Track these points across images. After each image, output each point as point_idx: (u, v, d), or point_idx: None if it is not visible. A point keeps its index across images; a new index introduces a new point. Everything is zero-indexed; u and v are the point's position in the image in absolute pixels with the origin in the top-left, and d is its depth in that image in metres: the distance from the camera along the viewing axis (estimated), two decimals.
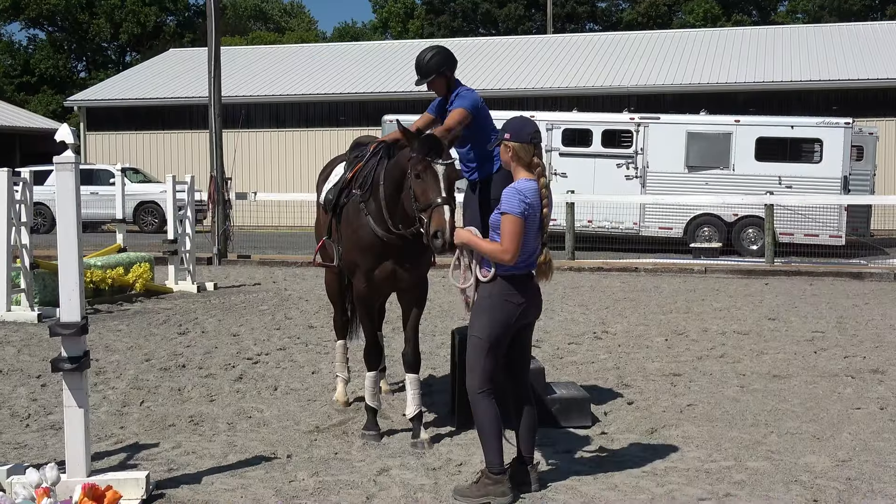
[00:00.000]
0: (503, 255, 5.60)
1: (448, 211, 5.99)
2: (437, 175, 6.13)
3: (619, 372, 9.46)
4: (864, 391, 8.65)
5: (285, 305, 14.10)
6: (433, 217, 6.02)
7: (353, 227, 6.98)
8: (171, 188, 16.39)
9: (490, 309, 5.70)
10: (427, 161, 6.15)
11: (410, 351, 7.02)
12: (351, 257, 7.07)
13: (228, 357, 10.12)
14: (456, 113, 7.21)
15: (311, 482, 6.01)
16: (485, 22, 64.54)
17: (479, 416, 5.76)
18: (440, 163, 6.16)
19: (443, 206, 6.01)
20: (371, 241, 6.82)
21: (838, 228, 22.07)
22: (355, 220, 6.97)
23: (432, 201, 6.06)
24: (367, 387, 7.16)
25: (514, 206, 5.60)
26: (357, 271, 7.03)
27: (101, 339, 11.04)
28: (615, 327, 12.19)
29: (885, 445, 6.92)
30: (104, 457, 6.48)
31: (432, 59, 7.41)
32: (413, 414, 6.92)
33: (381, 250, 6.82)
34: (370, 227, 6.81)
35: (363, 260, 6.91)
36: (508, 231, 5.59)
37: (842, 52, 34.17)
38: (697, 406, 8.09)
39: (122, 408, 7.95)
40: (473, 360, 5.75)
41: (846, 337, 11.51)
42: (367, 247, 6.86)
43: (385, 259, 6.84)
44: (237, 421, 7.57)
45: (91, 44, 66.09)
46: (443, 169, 6.15)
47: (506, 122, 5.93)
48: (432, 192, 6.09)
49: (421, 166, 6.16)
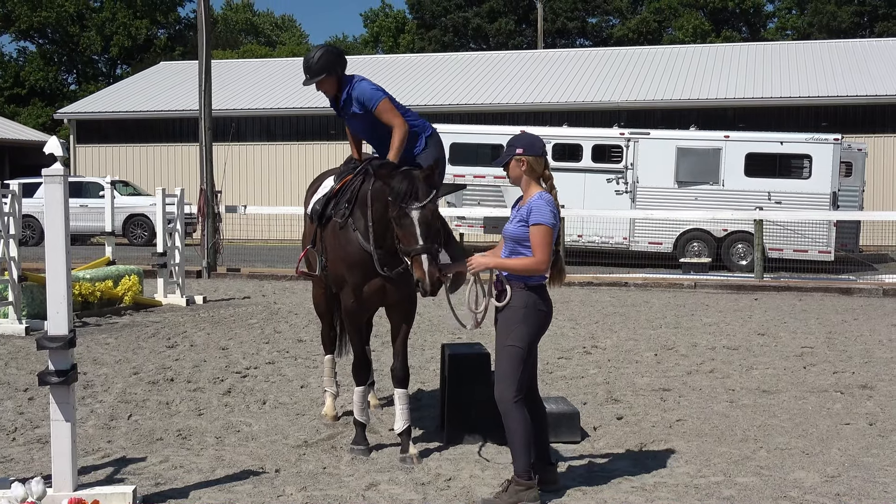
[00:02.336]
0: (539, 266, 5.77)
1: (426, 260, 6.05)
2: (413, 222, 6.14)
3: (608, 387, 9.45)
4: (853, 407, 8.65)
5: (274, 319, 14.06)
6: (413, 266, 6.13)
7: (341, 242, 6.95)
8: (160, 201, 16.36)
9: (525, 319, 5.82)
10: (403, 208, 6.17)
11: (399, 366, 6.97)
12: (338, 272, 7.04)
13: (217, 371, 10.09)
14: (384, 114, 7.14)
15: (299, 497, 5.98)
16: (475, 37, 64.70)
17: (513, 425, 5.81)
18: (416, 207, 6.15)
19: (421, 254, 6.07)
20: (359, 256, 6.79)
21: (827, 244, 22.13)
22: (343, 235, 6.93)
23: (411, 249, 6.12)
24: (356, 401, 7.11)
25: (547, 217, 5.76)
26: (345, 286, 7.00)
27: (90, 353, 10.99)
28: (605, 342, 12.19)
29: (874, 461, 6.92)
30: (91, 471, 6.44)
31: (320, 59, 7.23)
32: (402, 429, 6.87)
33: (369, 265, 6.77)
34: (358, 242, 6.79)
35: (351, 275, 6.87)
36: (543, 241, 5.74)
37: (831, 68, 34.36)
38: (687, 421, 8.08)
39: (110, 421, 7.92)
40: (511, 370, 5.83)
41: (835, 352, 11.52)
42: (355, 262, 6.83)
43: (373, 274, 6.79)
44: (225, 435, 7.54)
45: (81, 56, 66.03)
46: (418, 214, 6.15)
47: (512, 138, 6.03)
48: (411, 239, 6.13)
49: (397, 213, 6.20)
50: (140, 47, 63.32)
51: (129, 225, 29.52)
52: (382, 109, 7.14)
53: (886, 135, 30.82)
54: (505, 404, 5.82)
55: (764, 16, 67.16)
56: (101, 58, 67.57)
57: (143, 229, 29.31)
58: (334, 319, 8.25)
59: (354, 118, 7.36)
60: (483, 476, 6.45)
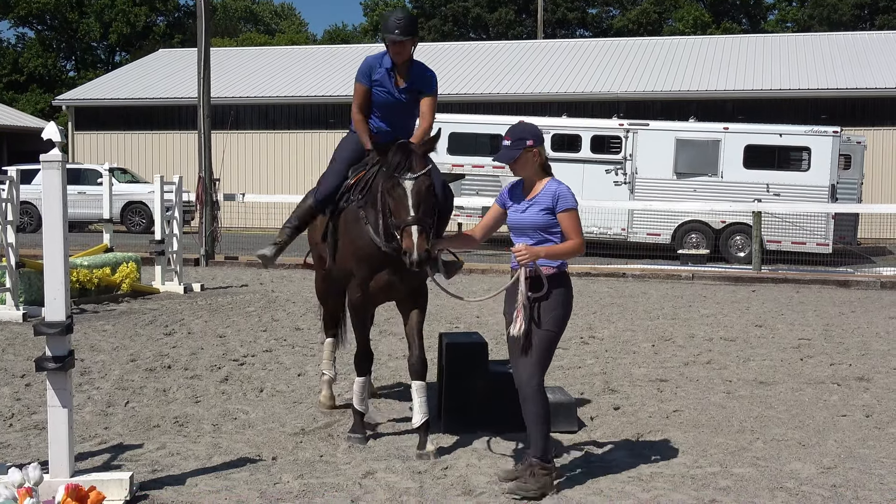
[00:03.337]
0: (581, 249, 5.95)
1: (416, 231, 5.92)
2: (405, 192, 6.01)
3: (605, 377, 9.46)
4: (849, 398, 8.66)
5: (272, 307, 14.06)
6: (403, 237, 6.00)
7: (351, 236, 6.82)
8: (158, 188, 16.34)
9: (564, 303, 6.00)
10: (395, 178, 6.06)
11: (416, 358, 6.83)
12: (346, 265, 6.90)
13: (214, 358, 10.09)
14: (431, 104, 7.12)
15: (295, 484, 5.98)
16: (475, 27, 64.62)
17: (536, 409, 5.84)
18: (409, 178, 6.03)
19: (411, 225, 5.94)
20: (369, 250, 6.65)
21: (825, 236, 22.14)
22: (354, 228, 6.80)
23: (402, 221, 6.00)
24: (356, 391, 7.05)
25: (573, 201, 5.91)
26: (352, 280, 6.87)
27: (87, 339, 10.99)
28: (602, 332, 12.19)
29: (871, 453, 6.93)
30: (88, 457, 6.44)
31: (413, 20, 7.07)
32: (420, 423, 6.73)
33: (378, 260, 6.64)
34: (369, 236, 6.64)
35: (359, 269, 6.75)
36: (577, 225, 5.91)
37: (831, 61, 34.34)
38: (683, 412, 8.09)
39: (107, 408, 7.91)
40: (545, 354, 5.92)
41: (832, 344, 11.54)
42: (364, 256, 6.69)
43: (382, 269, 6.67)
44: (222, 422, 7.54)
45: (80, 43, 65.97)
46: (412, 184, 6.02)
47: (514, 131, 5.94)
48: (402, 210, 6.01)
49: (390, 184, 6.10)
50: (139, 34, 63.24)
51: (127, 212, 29.51)
52: (433, 100, 7.15)
53: (886, 128, 30.83)
54: (530, 389, 5.83)
55: (764, 7, 67.12)
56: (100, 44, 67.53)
57: (141, 217, 29.30)
58: (336, 307, 8.15)
59: (403, 93, 7.14)
60: (480, 465, 6.46)
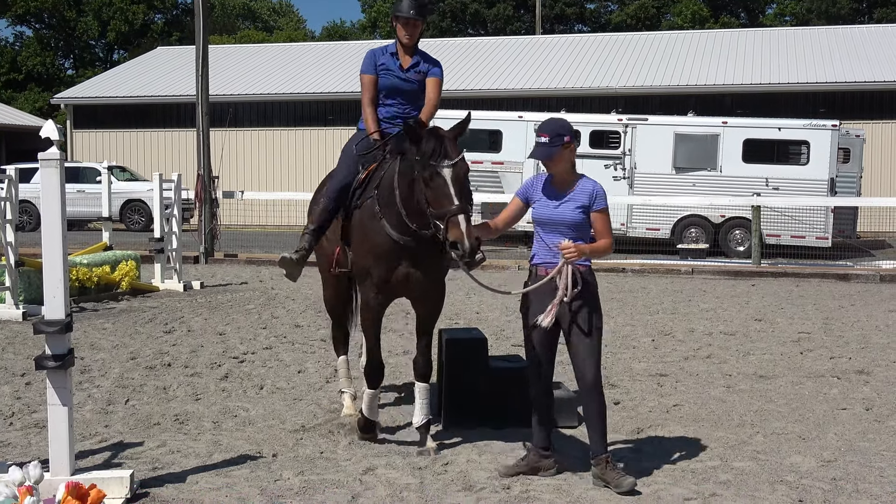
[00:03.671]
0: (612, 248, 6.02)
1: (464, 220, 5.68)
2: (445, 181, 5.77)
3: (605, 372, 9.41)
4: (849, 392, 8.67)
5: (272, 304, 14.07)
6: (450, 228, 5.70)
7: (367, 232, 6.56)
8: (157, 186, 16.35)
9: (598, 299, 6.05)
10: (433, 166, 5.80)
11: (422, 359, 6.74)
12: (364, 263, 6.62)
13: (214, 356, 10.09)
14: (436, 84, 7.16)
15: (296, 481, 5.98)
16: (473, 22, 64.57)
17: (602, 406, 5.93)
18: (447, 165, 5.80)
19: (458, 214, 5.69)
20: (387, 246, 6.40)
21: (825, 230, 22.14)
22: (369, 224, 6.54)
23: (446, 210, 5.73)
24: (366, 402, 6.84)
25: (607, 201, 5.99)
26: (368, 278, 6.61)
27: (87, 338, 10.99)
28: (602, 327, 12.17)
29: (871, 446, 6.94)
30: (88, 455, 6.45)
31: (426, 1, 7.11)
32: (421, 423, 6.70)
33: (396, 255, 6.41)
34: (386, 231, 6.38)
35: (377, 266, 6.49)
36: (609, 225, 5.97)
37: (829, 54, 34.32)
38: (683, 406, 8.10)
39: (107, 406, 7.92)
40: (600, 351, 6.02)
41: (832, 338, 11.54)
42: (382, 252, 6.44)
43: (399, 264, 6.43)
44: (222, 420, 7.54)
45: (78, 41, 65.92)
46: (451, 172, 5.79)
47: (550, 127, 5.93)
48: (445, 200, 5.75)
49: (428, 173, 5.81)
50: (137, 32, 63.19)
51: (127, 210, 29.50)
52: (438, 81, 7.19)
53: (884, 121, 30.81)
54: (598, 386, 5.92)
55: (762, 2, 67.03)
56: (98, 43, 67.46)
57: (140, 215, 29.29)
58: (346, 320, 7.98)
59: (408, 72, 7.11)
60: (480, 460, 6.46)
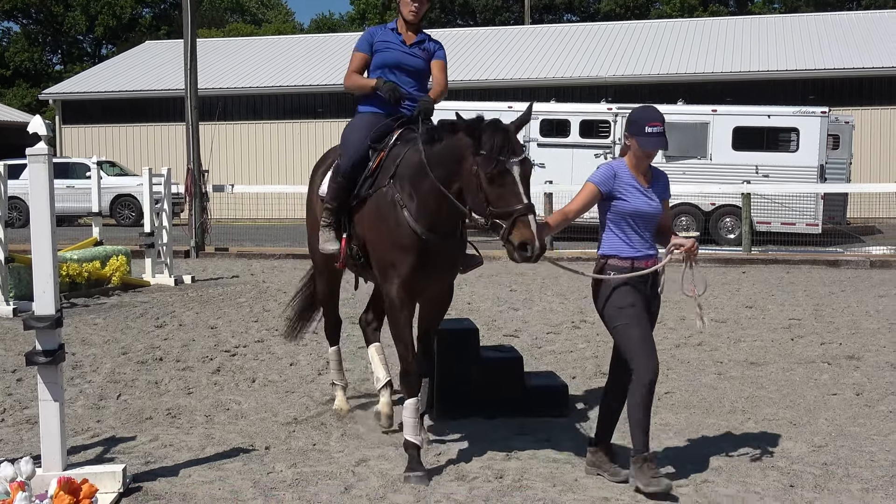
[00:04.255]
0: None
1: (533, 220, 5.30)
2: (514, 178, 5.36)
3: (597, 361, 9.48)
4: (840, 377, 8.70)
5: (263, 298, 14.06)
6: (519, 228, 5.29)
7: (389, 225, 6.05)
8: (147, 181, 16.31)
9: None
10: (502, 161, 5.34)
11: (425, 359, 6.43)
12: (388, 258, 6.09)
13: (206, 350, 10.08)
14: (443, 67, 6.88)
15: (289, 473, 5.99)
16: (462, 13, 64.45)
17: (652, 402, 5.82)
18: (516, 161, 5.38)
19: (527, 214, 5.30)
20: (410, 238, 5.95)
21: (815, 217, 22.20)
22: (390, 216, 6.06)
23: (514, 210, 5.32)
24: (407, 419, 6.05)
25: None
26: (392, 274, 6.07)
27: (78, 333, 10.98)
28: (593, 316, 12.12)
29: (861, 430, 6.97)
30: (81, 450, 6.45)
31: None
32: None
33: (421, 249, 5.96)
34: (409, 224, 5.95)
35: (404, 261, 5.98)
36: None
37: (818, 41, 34.36)
38: (675, 394, 8.12)
39: (99, 401, 7.91)
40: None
41: (823, 324, 11.58)
42: (406, 246, 5.96)
43: (424, 259, 5.99)
44: (215, 413, 7.54)
45: (66, 36, 65.66)
46: (519, 169, 5.39)
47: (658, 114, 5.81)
48: (513, 198, 5.34)
49: (495, 169, 5.34)
50: (125, 27, 62.96)
51: (117, 205, 29.47)
52: (444, 63, 6.90)
53: (873, 107, 30.88)
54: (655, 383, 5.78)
55: None
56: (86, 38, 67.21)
57: (130, 209, 29.25)
58: (337, 311, 7.70)
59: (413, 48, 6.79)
60: (473, 450, 6.47)
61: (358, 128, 6.68)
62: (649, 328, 5.85)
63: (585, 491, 5.68)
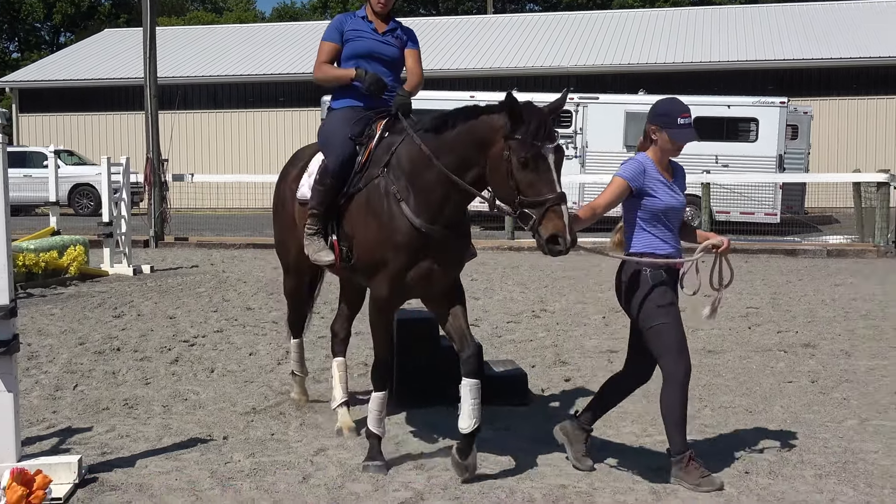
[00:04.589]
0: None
1: (566, 211, 5.09)
2: (549, 166, 5.13)
3: (556, 349, 9.53)
4: (795, 365, 8.81)
5: (223, 288, 13.99)
6: (550, 219, 5.09)
7: (381, 219, 5.69)
8: (106, 170, 16.18)
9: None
10: (537, 146, 5.09)
11: (471, 353, 5.79)
12: (376, 255, 5.73)
13: (164, 340, 10.02)
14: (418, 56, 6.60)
15: (247, 463, 5.97)
16: (425, 2, 64.35)
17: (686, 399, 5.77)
18: (550, 147, 5.14)
19: (560, 204, 5.10)
20: (408, 233, 5.59)
21: (773, 206, 22.43)
22: (383, 209, 5.69)
23: (546, 199, 5.10)
24: (372, 410, 5.93)
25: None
26: (381, 272, 5.73)
27: (34, 324, 10.87)
28: (553, 305, 12.27)
29: (815, 417, 7.07)
30: (36, 441, 6.38)
31: None
32: (469, 429, 5.66)
33: (417, 244, 5.61)
34: (406, 216, 5.60)
35: (396, 257, 5.63)
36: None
37: (779, 32, 34.67)
38: None
39: (55, 392, 7.84)
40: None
41: (780, 312, 11.70)
42: (401, 242, 5.60)
43: (423, 255, 5.63)
44: (172, 403, 7.50)
45: (23, 24, 64.86)
46: (554, 157, 5.17)
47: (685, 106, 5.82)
48: (545, 186, 5.12)
49: (530, 153, 5.08)
50: (84, 14, 62.33)
51: (75, 195, 29.18)
52: (419, 53, 6.61)
53: (832, 97, 31.21)
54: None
55: None
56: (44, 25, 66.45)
57: (88, 199, 28.97)
58: (306, 306, 7.47)
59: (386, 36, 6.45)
60: (430, 437, 6.49)
61: (340, 124, 6.30)
62: (683, 327, 5.81)
63: (543, 479, 5.71)
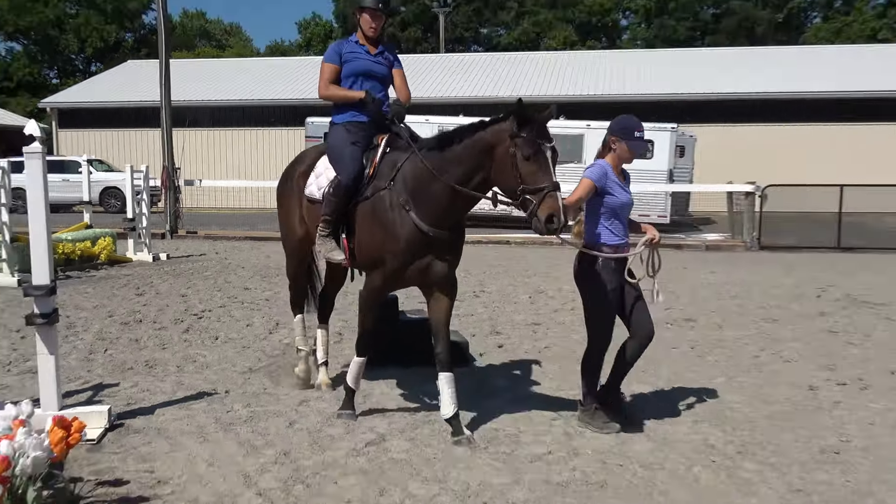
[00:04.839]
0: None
1: (560, 197, 5.08)
2: (548, 160, 5.12)
3: (492, 322, 9.62)
4: (679, 336, 8.97)
5: (226, 272, 13.91)
6: (546, 202, 5.03)
7: (386, 225, 5.49)
8: (129, 176, 16.02)
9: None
10: (538, 144, 5.10)
11: (444, 349, 5.66)
12: (378, 253, 5.55)
13: (178, 313, 9.97)
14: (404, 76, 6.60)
15: (244, 412, 6.01)
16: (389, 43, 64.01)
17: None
18: (549, 146, 5.16)
19: (556, 190, 5.06)
20: (413, 237, 5.42)
21: (664, 210, 22.67)
22: (388, 216, 5.49)
23: (545, 186, 5.06)
24: (352, 370, 5.93)
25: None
26: (380, 268, 5.58)
27: (72, 300, 10.76)
28: (490, 287, 12.35)
29: (694, 377, 7.23)
30: (74, 395, 6.37)
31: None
32: (451, 414, 5.59)
33: (420, 246, 5.44)
34: (414, 222, 5.40)
35: (397, 257, 5.46)
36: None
37: (670, 70, 34.99)
38: (552, 348, 8.29)
39: (89, 355, 7.80)
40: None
41: (667, 294, 11.79)
42: (405, 247, 5.43)
43: (422, 255, 5.47)
44: (184, 364, 7.49)
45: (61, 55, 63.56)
46: (551, 154, 5.15)
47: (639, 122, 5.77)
48: (544, 176, 5.08)
49: (532, 149, 5.07)
50: (111, 48, 61.22)
51: (105, 196, 28.73)
52: (403, 73, 6.53)
53: (711, 125, 31.58)
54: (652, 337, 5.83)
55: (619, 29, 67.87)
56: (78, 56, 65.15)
57: (116, 199, 28.52)
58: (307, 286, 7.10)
59: (378, 57, 6.36)
60: (391, 393, 6.55)
61: (348, 140, 6.03)
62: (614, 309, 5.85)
63: (480, 423, 5.80)
